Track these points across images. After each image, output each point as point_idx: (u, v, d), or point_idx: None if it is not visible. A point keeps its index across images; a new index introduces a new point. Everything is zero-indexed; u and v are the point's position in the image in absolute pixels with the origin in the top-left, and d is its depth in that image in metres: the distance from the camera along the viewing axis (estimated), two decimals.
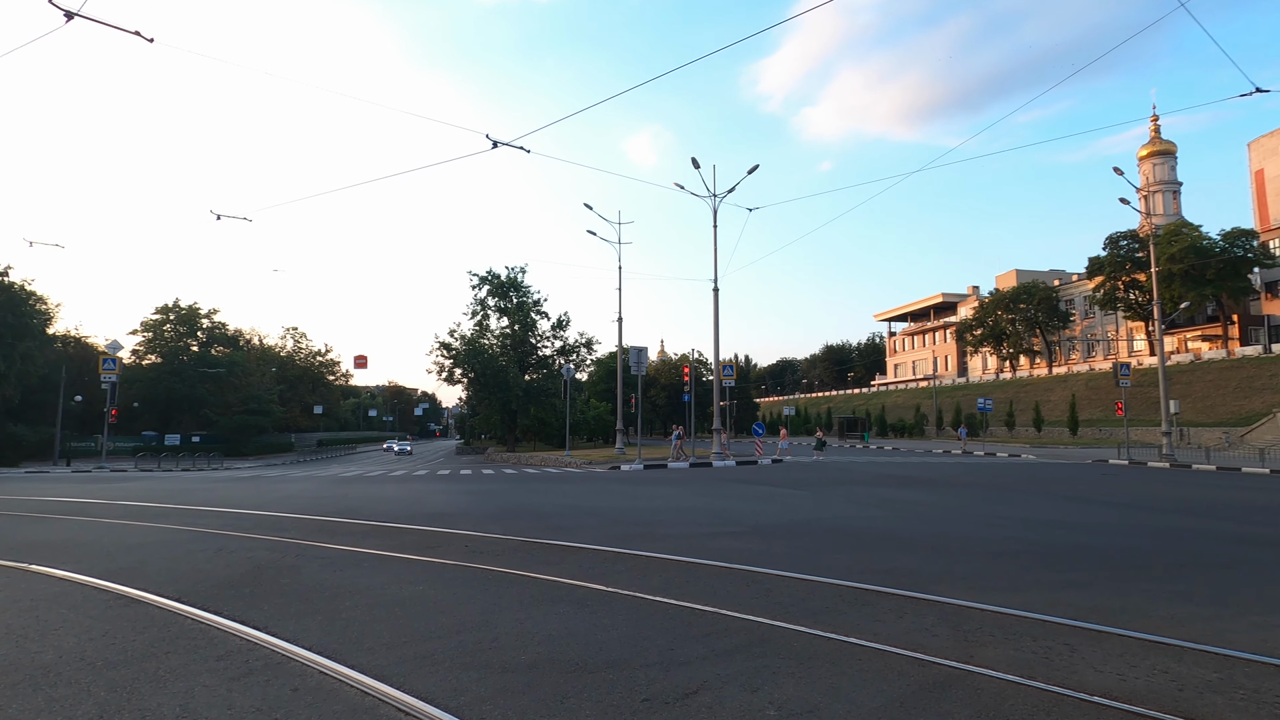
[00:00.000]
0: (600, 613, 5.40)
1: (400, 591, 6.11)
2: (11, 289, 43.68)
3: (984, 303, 78.94)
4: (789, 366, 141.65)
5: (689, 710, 3.54)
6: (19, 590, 6.19)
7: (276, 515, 11.45)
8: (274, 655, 4.43)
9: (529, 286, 50.47)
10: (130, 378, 52.32)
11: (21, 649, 4.58)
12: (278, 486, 19.14)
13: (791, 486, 17.55)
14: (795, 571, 6.80)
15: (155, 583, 6.36)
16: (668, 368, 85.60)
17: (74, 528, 10.22)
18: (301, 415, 72.57)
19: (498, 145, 12.42)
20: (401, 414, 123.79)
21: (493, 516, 11.36)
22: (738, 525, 10.44)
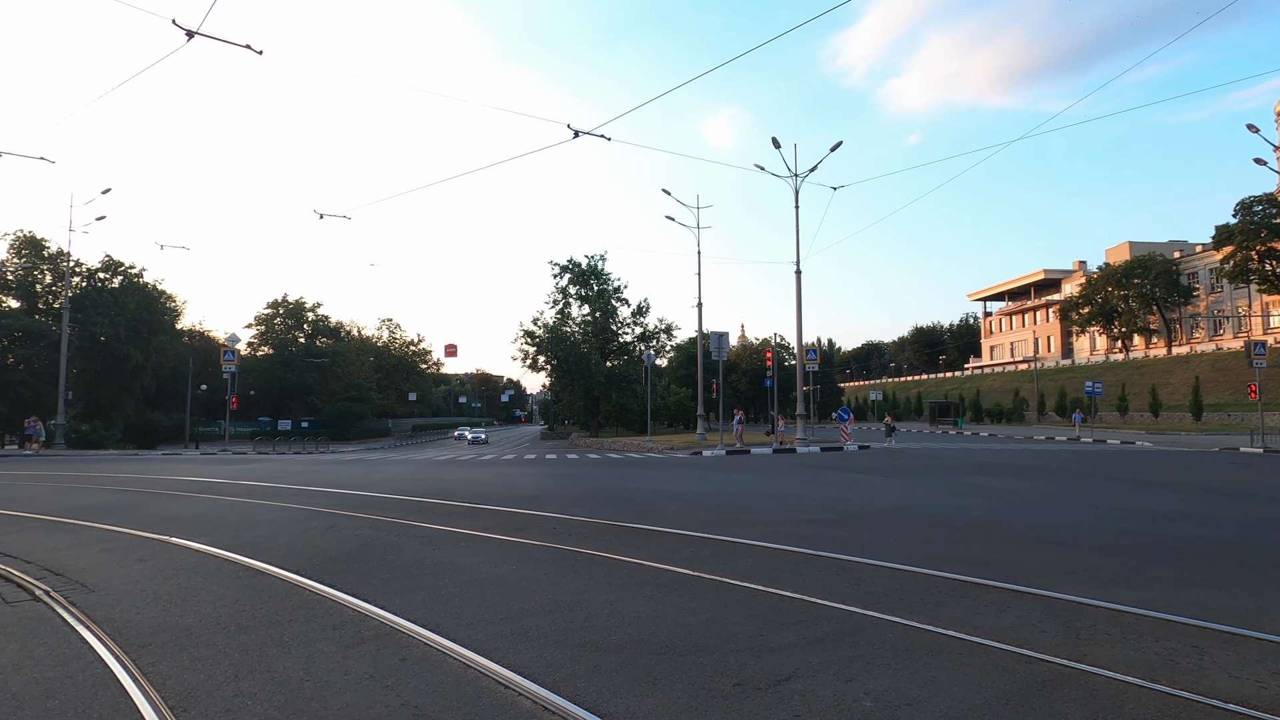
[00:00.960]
0: (687, 597, 5.44)
1: (494, 570, 6.37)
2: (146, 289, 48.19)
3: (1092, 278, 73.32)
4: (875, 350, 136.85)
5: (781, 697, 3.52)
6: (163, 560, 6.87)
7: (379, 496, 12.16)
8: (383, 627, 4.72)
9: (609, 274, 51.05)
10: (247, 368, 56.74)
11: (168, 612, 5.09)
12: (378, 469, 20.30)
13: (881, 474, 17.02)
14: (887, 561, 6.61)
15: (276, 556, 6.91)
16: (748, 353, 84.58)
17: (205, 505, 11.22)
18: (397, 402, 76.63)
19: (579, 134, 12.57)
20: (489, 400, 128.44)
21: (578, 500, 11.63)
22: (825, 512, 10.24)
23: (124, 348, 44.59)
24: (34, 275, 44.39)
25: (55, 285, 43.66)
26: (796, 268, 29.48)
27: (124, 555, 7.12)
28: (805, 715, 3.31)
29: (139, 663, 4.06)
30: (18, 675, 3.90)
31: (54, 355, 37.70)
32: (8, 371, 40.09)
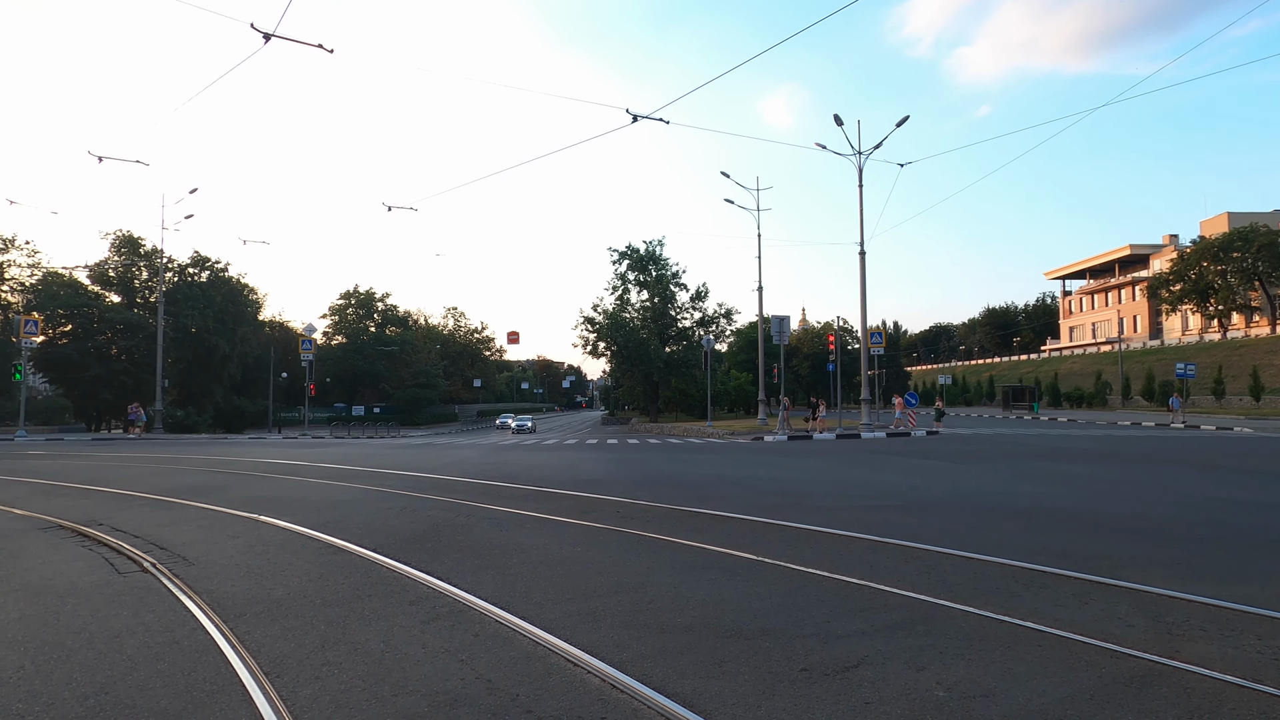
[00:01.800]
0: (752, 581, 5.43)
1: (560, 552, 6.51)
2: (231, 282, 51.04)
3: (1185, 253, 68.33)
4: (944, 332, 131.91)
5: (850, 683, 3.48)
6: (253, 537, 7.32)
7: (448, 479, 12.58)
8: (456, 603, 4.91)
9: (667, 259, 50.93)
10: (322, 356, 59.47)
11: (260, 585, 5.43)
12: (446, 453, 20.99)
13: (951, 459, 16.47)
14: (958, 549, 6.41)
15: (355, 535, 7.26)
16: (810, 336, 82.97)
17: (288, 486, 11.87)
18: (463, 388, 78.87)
19: (638, 119, 12.54)
20: (550, 386, 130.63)
21: (640, 484, 11.73)
22: (892, 499, 10.00)
23: (212, 338, 47.43)
24: (132, 272, 47.65)
25: (151, 280, 46.74)
26: (860, 249, 28.66)
27: (219, 532, 7.62)
28: (875, 703, 3.27)
29: (236, 631, 4.35)
30: (131, 639, 4.25)
31: (151, 346, 40.44)
32: (112, 362, 43.30)
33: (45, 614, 4.79)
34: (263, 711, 3.21)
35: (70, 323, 42.48)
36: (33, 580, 5.68)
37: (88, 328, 42.98)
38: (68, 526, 7.95)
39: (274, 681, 3.57)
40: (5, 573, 5.94)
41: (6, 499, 10.20)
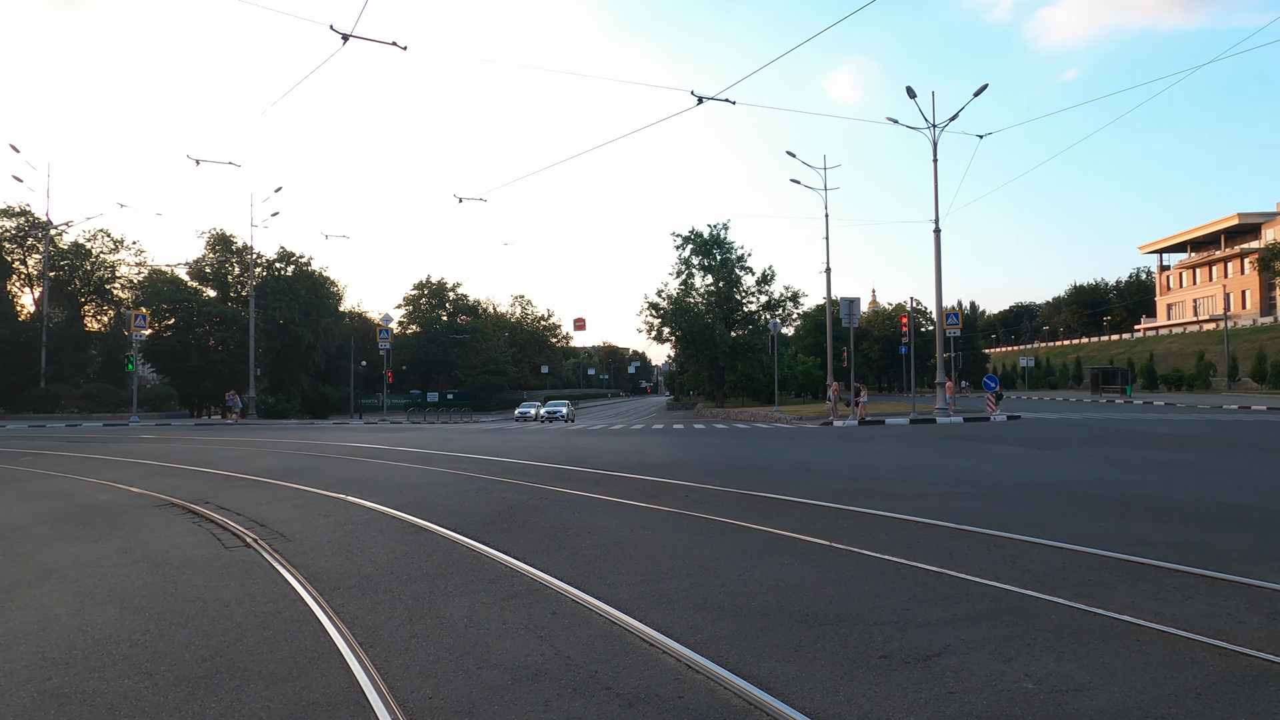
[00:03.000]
0: (826, 567, 5.36)
1: (631, 535, 6.60)
2: (314, 276, 53.72)
3: None
4: (1025, 312, 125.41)
5: (932, 672, 3.40)
6: (342, 516, 7.75)
7: (519, 463, 12.93)
8: (533, 582, 5.06)
9: (732, 242, 50.31)
10: (398, 345, 61.91)
11: (350, 561, 5.75)
12: (516, 438, 21.55)
13: (1034, 445, 15.72)
14: (1044, 538, 6.13)
15: (435, 515, 7.57)
16: (880, 319, 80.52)
17: (371, 469, 12.48)
18: (530, 375, 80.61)
19: (703, 100, 12.40)
20: (615, 372, 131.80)
21: (708, 469, 11.73)
22: (971, 485, 9.64)
23: (298, 329, 50.13)
24: (225, 268, 50.81)
25: (242, 276, 49.73)
26: (935, 226, 27.52)
27: (311, 511, 8.10)
28: (959, 693, 3.18)
29: (331, 603, 4.63)
30: (240, 608, 4.59)
31: (244, 337, 43.11)
32: (210, 352, 46.42)
33: (164, 582, 5.22)
34: (360, 680, 3.41)
35: (173, 316, 45.70)
36: (152, 552, 6.20)
37: (188, 321, 46.15)
38: (179, 504, 8.62)
39: (368, 651, 3.79)
40: (129, 544, 6.51)
41: (125, 478, 11.13)
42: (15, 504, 8.88)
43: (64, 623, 4.38)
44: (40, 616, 4.51)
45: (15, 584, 5.28)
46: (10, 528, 7.35)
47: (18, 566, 5.80)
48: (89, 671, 3.60)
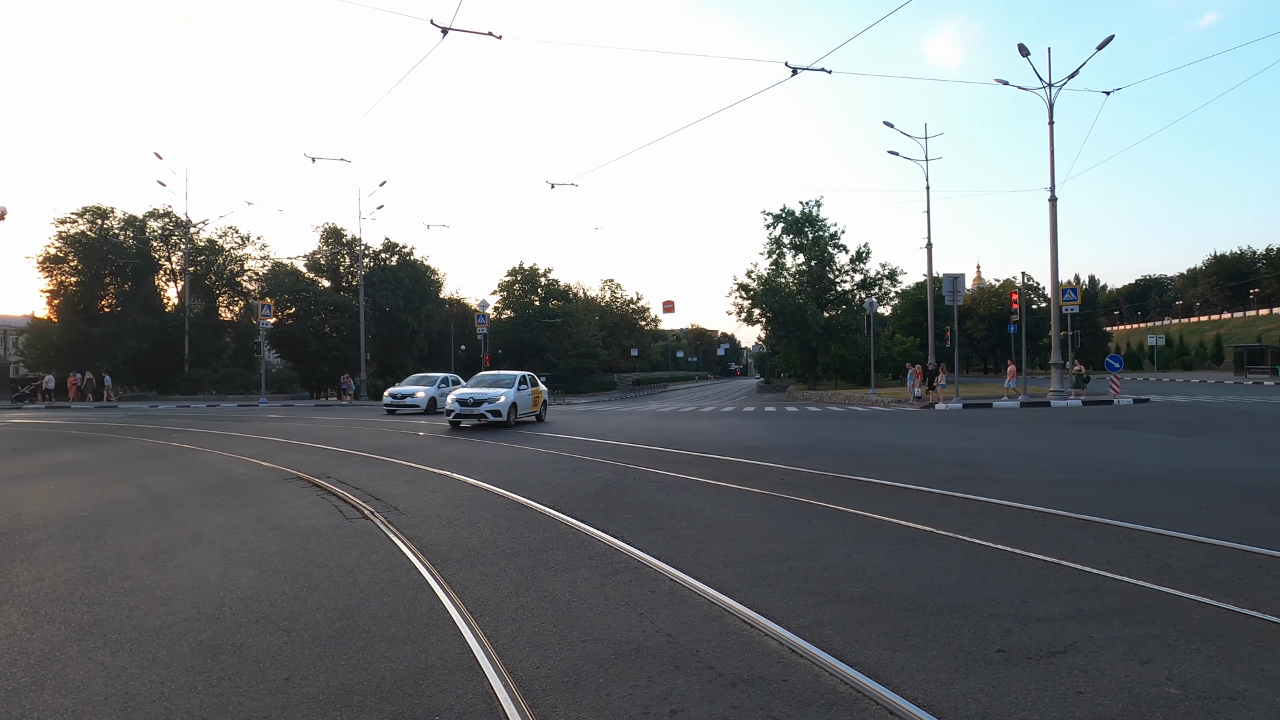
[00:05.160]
0: (933, 555, 5.13)
1: (727, 516, 6.57)
2: (416, 265, 56.53)
3: None
4: (1154, 286, 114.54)
5: (1057, 670, 3.19)
6: (449, 492, 8.15)
7: (613, 444, 13.14)
8: (631, 560, 5.13)
9: (824, 220, 48.63)
10: (494, 329, 64.21)
11: (458, 535, 6.05)
12: (609, 419, 21.90)
13: (1167, 431, 14.38)
14: (1184, 531, 5.61)
15: (535, 493, 7.82)
16: (986, 296, 75.91)
17: (473, 448, 13.04)
18: (620, 357, 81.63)
19: (797, 71, 11.98)
20: (704, 355, 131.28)
21: (802, 451, 11.48)
22: (1094, 473, 8.94)
23: (403, 316, 53.00)
24: (337, 259, 54.32)
25: (352, 266, 52.98)
26: (1051, 194, 25.47)
27: (420, 486, 8.57)
28: (1089, 693, 2.97)
29: (442, 573, 4.89)
30: (361, 575, 4.92)
31: (355, 324, 46.01)
32: (325, 339, 49.92)
33: (296, 549, 5.68)
34: (472, 647, 3.58)
35: (293, 306, 49.37)
36: (284, 521, 6.76)
37: (306, 310, 49.74)
38: (304, 478, 9.34)
39: (478, 620, 3.97)
40: (264, 514, 7.12)
41: (257, 454, 12.18)
42: (169, 475, 9.91)
43: (213, 582, 4.85)
44: (194, 575, 5.02)
45: (173, 546, 5.90)
46: (166, 497, 8.22)
47: (174, 531, 6.48)
48: (236, 626, 3.97)
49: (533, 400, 17.79)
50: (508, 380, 17.18)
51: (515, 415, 16.45)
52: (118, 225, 42.63)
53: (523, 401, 17.06)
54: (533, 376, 18.31)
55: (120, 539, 6.13)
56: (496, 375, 17.85)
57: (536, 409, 18.23)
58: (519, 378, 17.42)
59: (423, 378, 26.33)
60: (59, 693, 3.19)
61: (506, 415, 15.94)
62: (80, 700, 3.11)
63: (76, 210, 41.42)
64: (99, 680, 3.31)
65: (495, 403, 15.90)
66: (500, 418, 15.83)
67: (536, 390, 18.23)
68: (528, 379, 17.79)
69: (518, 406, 16.59)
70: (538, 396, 18.29)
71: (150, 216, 44.15)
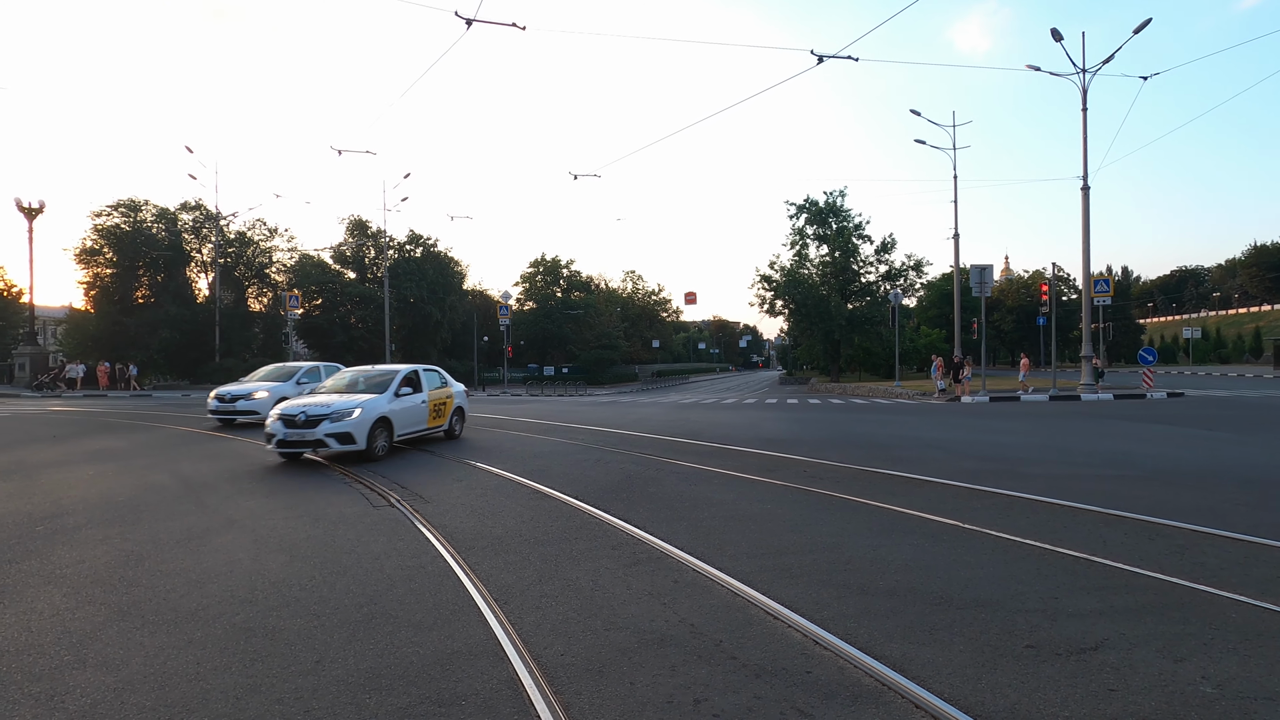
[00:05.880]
0: (959, 549, 5.07)
1: (749, 508, 6.55)
2: (440, 256, 57.00)
3: None
4: (1191, 277, 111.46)
5: (1088, 667, 3.14)
6: (473, 481, 8.23)
7: (635, 434, 13.16)
8: (654, 551, 5.15)
9: (849, 210, 48.05)
10: (516, 320, 64.63)
11: (483, 524, 6.11)
12: (631, 410, 21.93)
13: (1202, 426, 14.02)
14: (1220, 528, 5.48)
15: (558, 483, 7.87)
16: (1014, 287, 74.54)
17: (496, 438, 13.15)
18: (642, 349, 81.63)
19: (823, 60, 11.80)
20: (726, 346, 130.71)
21: (825, 444, 11.39)
22: (1125, 468, 8.75)
23: (427, 307, 53.54)
24: (362, 251, 54.98)
25: (377, 258, 53.63)
26: (1083, 183, 24.86)
27: (445, 475, 8.67)
28: (1121, 691, 2.92)
29: (468, 561, 4.95)
30: (388, 561, 5.00)
31: (380, 315, 46.59)
32: (351, 329, 50.62)
33: (324, 535, 5.79)
34: (497, 634, 3.63)
35: (320, 297, 50.12)
36: (312, 508, 6.89)
37: (332, 301, 50.46)
38: (332, 466, 9.50)
39: (503, 608, 4.01)
40: (294, 501, 7.26)
41: None
42: (202, 463, 10.14)
43: (246, 566, 4.96)
44: (227, 560, 5.14)
45: (206, 530, 6.05)
46: (199, 483, 8.41)
47: (207, 516, 6.63)
48: (268, 610, 4.06)
49: (431, 410, 11.73)
50: (378, 381, 11.22)
51: (389, 436, 10.35)
52: (151, 218, 43.54)
53: (405, 414, 10.89)
54: (436, 374, 12.57)
55: (156, 523, 6.30)
56: (365, 372, 11.88)
57: (441, 422, 12.10)
58: (400, 376, 11.30)
59: (279, 370, 17.55)
60: (100, 670, 3.30)
61: (366, 440, 9.74)
62: (120, 678, 3.21)
63: (111, 203, 42.40)
64: (138, 660, 3.41)
65: (344, 420, 9.62)
66: (354, 445, 9.61)
67: (440, 394, 12.19)
68: (419, 377, 11.82)
69: (392, 424, 10.40)
70: (442, 403, 12.16)
71: (182, 209, 45.04)
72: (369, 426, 9.77)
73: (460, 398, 12.87)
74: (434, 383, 12.20)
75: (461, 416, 13.03)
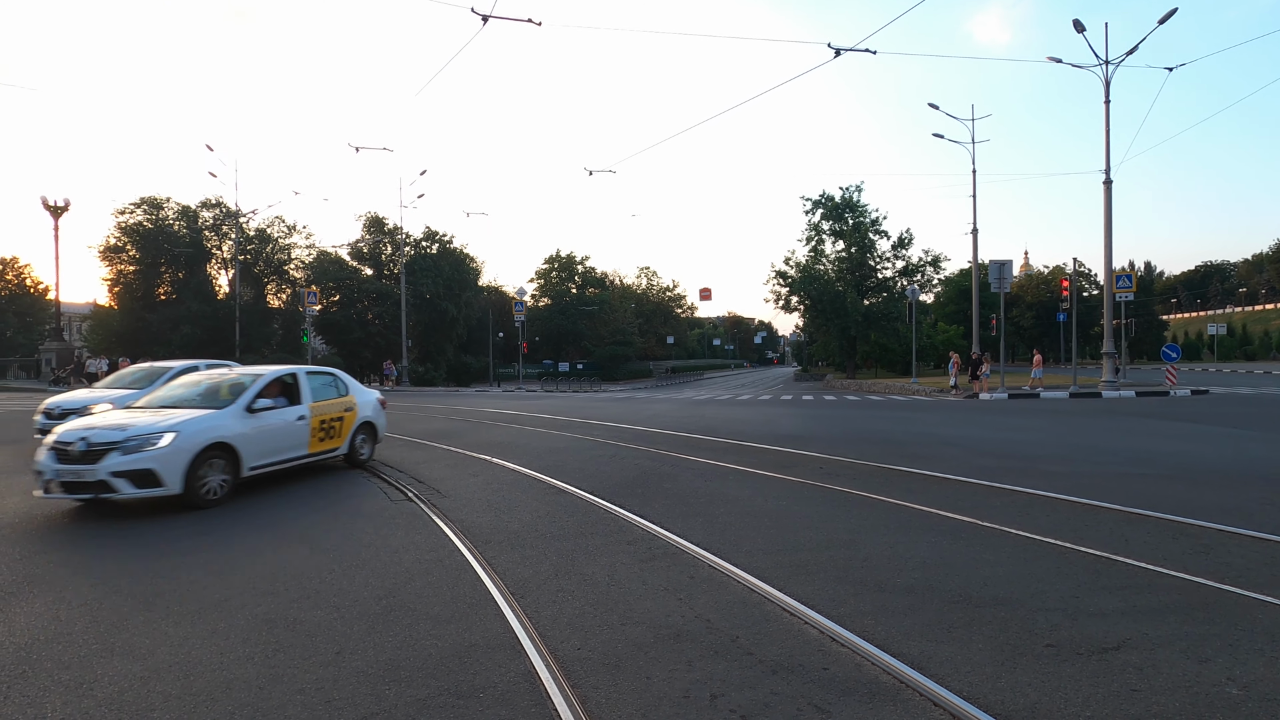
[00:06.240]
0: (978, 547, 5.02)
1: (765, 504, 6.53)
2: (456, 253, 57.28)
3: None
4: (1216, 272, 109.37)
5: (1110, 667, 3.10)
6: (490, 476, 8.29)
7: (649, 430, 13.17)
8: (670, 546, 5.15)
9: (865, 205, 47.67)
10: (531, 317, 64.74)
11: (500, 518, 6.15)
12: (645, 406, 21.95)
13: (1228, 424, 13.77)
14: (1247, 528, 5.38)
15: (573, 478, 7.90)
16: (1034, 283, 73.56)
17: (512, 433, 13.23)
18: (656, 345, 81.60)
19: (840, 53, 11.68)
20: (741, 342, 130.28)
21: (841, 441, 11.33)
22: (1148, 466, 8.62)
23: (443, 303, 53.83)
24: (379, 247, 55.40)
25: (394, 255, 53.99)
26: (1106, 177, 24.45)
27: (462, 470, 8.73)
28: (1144, 691, 2.88)
29: (484, 555, 4.98)
30: (407, 555, 5.05)
31: (396, 311, 46.94)
32: (368, 325, 51.06)
33: (343, 528, 5.85)
34: (514, 628, 3.65)
35: (337, 293, 50.58)
36: (331, 503, 6.97)
37: (350, 297, 50.90)
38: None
39: (520, 602, 4.04)
40: (313, 495, 7.35)
41: None
42: None
43: (266, 558, 5.04)
44: (249, 551, 5.21)
45: (229, 523, 6.13)
46: None
47: (229, 509, 6.73)
48: (290, 602, 4.12)
49: (315, 429, 8.36)
50: (226, 389, 7.97)
51: (232, 470, 7.15)
52: (172, 215, 44.20)
53: (265, 437, 7.61)
54: (329, 377, 9.23)
55: (177, 514, 6.40)
56: (210, 378, 8.61)
57: (334, 444, 8.72)
58: (263, 382, 8.06)
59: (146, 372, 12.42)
60: (127, 659, 3.36)
61: (183, 480, 6.58)
62: (147, 667, 3.28)
63: (134, 201, 43.10)
64: (163, 649, 3.48)
65: (143, 452, 6.50)
66: (158, 488, 6.51)
67: (332, 406, 8.77)
68: (297, 383, 8.51)
69: (239, 452, 7.20)
70: (336, 419, 8.76)
71: (202, 207, 45.66)
72: (187, 460, 6.61)
73: (370, 409, 9.43)
74: (323, 392, 8.77)
75: (372, 435, 9.46)
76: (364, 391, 9.59)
